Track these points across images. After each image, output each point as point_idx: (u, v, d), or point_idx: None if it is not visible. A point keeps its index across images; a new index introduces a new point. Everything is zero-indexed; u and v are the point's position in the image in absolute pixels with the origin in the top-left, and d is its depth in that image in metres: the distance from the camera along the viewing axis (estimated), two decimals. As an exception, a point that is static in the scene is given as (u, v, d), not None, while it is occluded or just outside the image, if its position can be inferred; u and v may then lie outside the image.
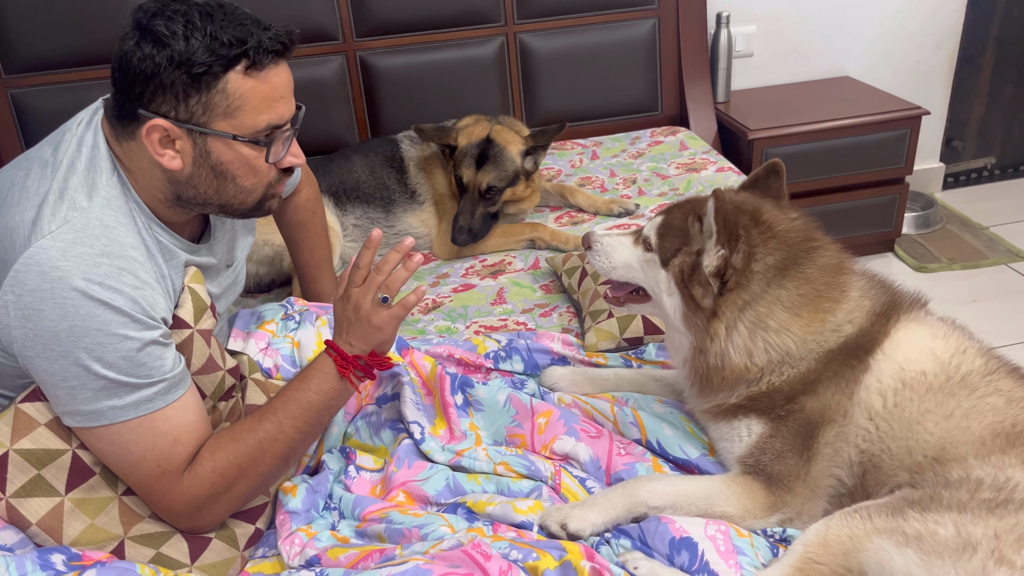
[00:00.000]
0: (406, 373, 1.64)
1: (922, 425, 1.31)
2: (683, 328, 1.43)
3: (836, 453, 1.38)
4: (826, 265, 1.42)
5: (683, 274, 1.40)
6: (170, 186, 1.29)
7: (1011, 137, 3.89)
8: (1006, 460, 1.23)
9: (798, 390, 1.38)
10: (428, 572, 1.09)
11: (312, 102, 2.83)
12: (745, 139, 3.04)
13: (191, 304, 1.34)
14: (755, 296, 1.37)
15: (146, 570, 1.20)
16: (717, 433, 1.48)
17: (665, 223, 1.45)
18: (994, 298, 3.12)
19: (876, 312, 1.42)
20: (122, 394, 1.20)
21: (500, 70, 3.01)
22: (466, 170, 2.39)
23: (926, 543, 1.10)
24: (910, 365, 1.36)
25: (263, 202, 1.37)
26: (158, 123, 1.21)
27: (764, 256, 1.38)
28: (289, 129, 1.31)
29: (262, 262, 2.26)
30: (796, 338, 1.38)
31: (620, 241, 1.52)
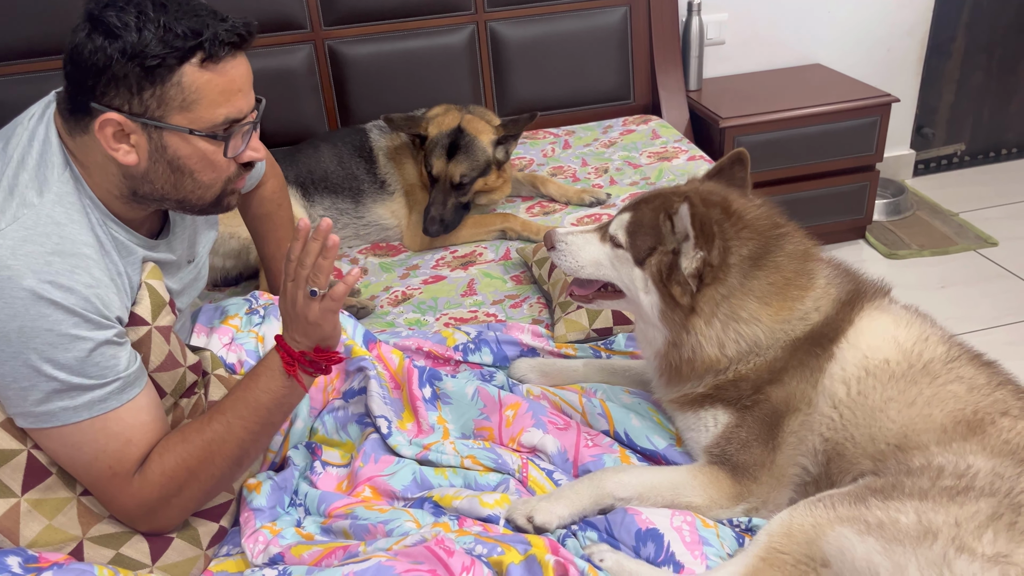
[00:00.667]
0: (373, 367, 1.62)
1: (885, 413, 1.32)
2: (659, 324, 1.42)
3: (801, 442, 1.38)
4: (794, 252, 1.42)
5: (661, 274, 1.39)
6: (126, 181, 1.26)
7: (980, 124, 3.92)
8: (967, 447, 1.23)
9: (764, 379, 1.39)
10: (390, 569, 1.08)
11: (280, 92, 2.83)
12: (717, 127, 3.04)
13: (148, 301, 1.31)
14: (732, 289, 1.37)
15: (105, 571, 1.18)
16: (684, 423, 1.48)
17: (634, 220, 1.43)
18: (963, 284, 3.15)
19: (841, 300, 1.42)
20: (74, 395, 1.17)
21: (471, 59, 2.99)
22: (437, 160, 2.37)
23: (888, 531, 1.11)
24: (873, 353, 1.36)
25: (222, 198, 1.34)
26: (111, 117, 1.18)
27: (739, 248, 1.38)
28: (248, 123, 1.28)
29: (228, 255, 2.23)
30: (765, 328, 1.38)
31: (586, 239, 1.50)
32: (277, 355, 1.30)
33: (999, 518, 1.08)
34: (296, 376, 1.29)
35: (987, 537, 1.06)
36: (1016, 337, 2.84)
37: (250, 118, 1.28)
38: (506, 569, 1.15)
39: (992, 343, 2.77)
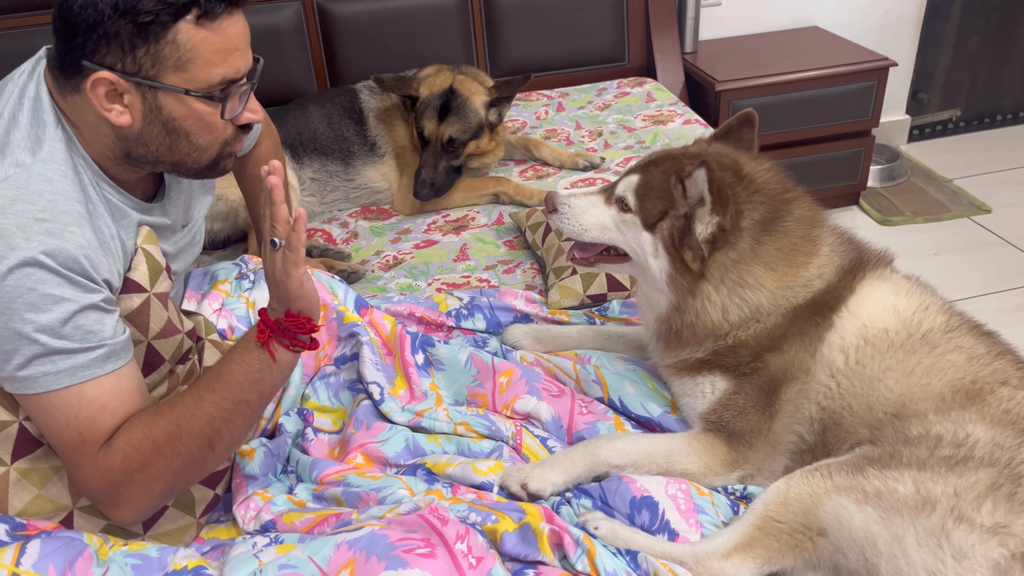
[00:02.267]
0: (365, 333, 1.60)
1: (883, 382, 1.31)
2: (666, 288, 1.40)
3: (797, 410, 1.38)
4: (802, 217, 1.40)
5: (672, 239, 1.36)
6: (119, 143, 1.22)
7: (976, 89, 3.89)
8: (966, 416, 1.23)
9: (764, 346, 1.38)
10: (384, 538, 1.07)
11: (268, 51, 2.73)
12: (712, 91, 3.00)
13: (145, 266, 1.28)
14: (742, 254, 1.35)
15: (94, 539, 1.17)
16: (680, 388, 1.47)
17: (644, 183, 1.39)
18: (956, 251, 3.15)
19: (844, 268, 1.41)
20: (56, 360, 1.13)
21: (463, 18, 2.92)
22: (428, 122, 2.33)
23: (885, 500, 1.10)
24: (872, 322, 1.35)
25: (219, 161, 1.30)
26: (103, 76, 1.13)
27: (751, 213, 1.36)
28: (246, 83, 1.24)
29: (216, 218, 2.19)
30: (769, 294, 1.37)
31: (590, 201, 1.45)
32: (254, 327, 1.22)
33: (998, 488, 1.08)
34: (268, 346, 1.19)
35: (986, 507, 1.06)
36: (1008, 304, 2.84)
37: (247, 78, 1.24)
38: (500, 537, 1.14)
39: (984, 310, 2.77)
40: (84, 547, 1.14)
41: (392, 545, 1.06)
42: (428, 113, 2.33)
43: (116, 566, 1.13)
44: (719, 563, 1.18)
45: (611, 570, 1.14)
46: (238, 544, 1.20)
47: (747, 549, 1.18)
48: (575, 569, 1.14)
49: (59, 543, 1.13)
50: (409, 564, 1.03)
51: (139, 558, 1.16)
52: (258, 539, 1.20)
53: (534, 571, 1.13)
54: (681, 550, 1.20)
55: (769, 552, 1.18)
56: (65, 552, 1.12)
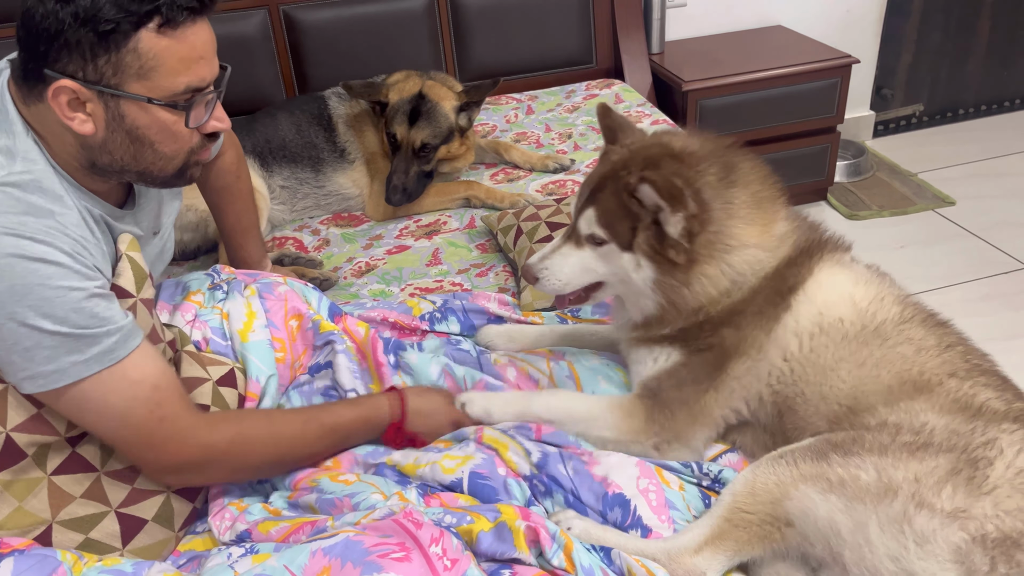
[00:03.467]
0: (342, 341, 1.60)
1: (836, 373, 1.33)
2: (652, 293, 1.39)
3: (743, 387, 1.39)
4: (753, 166, 1.42)
5: (653, 248, 1.35)
6: (83, 152, 1.22)
7: (938, 84, 3.96)
8: (915, 406, 1.25)
9: (724, 321, 1.38)
10: (359, 544, 1.07)
11: (235, 59, 2.71)
12: (679, 91, 3.03)
13: (131, 272, 1.28)
14: (719, 222, 1.35)
15: (68, 556, 1.16)
16: (635, 356, 1.49)
17: (602, 212, 1.37)
18: (922, 244, 3.21)
19: (801, 246, 1.42)
20: (82, 348, 1.14)
21: (430, 23, 2.93)
22: (399, 127, 2.33)
23: (849, 488, 1.12)
24: (828, 310, 1.37)
25: (185, 170, 1.30)
26: (65, 84, 1.13)
27: (706, 180, 1.34)
28: (211, 92, 1.24)
29: (186, 228, 2.18)
30: (751, 254, 1.37)
31: (562, 254, 1.43)
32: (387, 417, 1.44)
33: (958, 473, 1.10)
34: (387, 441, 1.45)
35: (946, 492, 1.08)
36: (973, 294, 2.90)
37: (213, 87, 1.24)
38: (476, 537, 1.15)
39: (950, 301, 2.83)
40: (58, 564, 1.14)
41: (367, 551, 1.07)
42: (398, 118, 2.34)
43: (90, 582, 1.13)
44: (691, 559, 1.19)
45: (587, 565, 1.15)
46: (213, 555, 1.21)
47: (717, 542, 1.20)
48: (551, 565, 1.15)
49: (32, 561, 1.12)
50: (384, 569, 1.04)
51: (113, 573, 1.16)
52: (233, 550, 1.20)
53: (510, 571, 1.14)
54: (653, 546, 1.22)
55: (739, 544, 1.20)
56: (39, 570, 1.12)
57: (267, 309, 1.62)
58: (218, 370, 1.49)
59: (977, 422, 1.19)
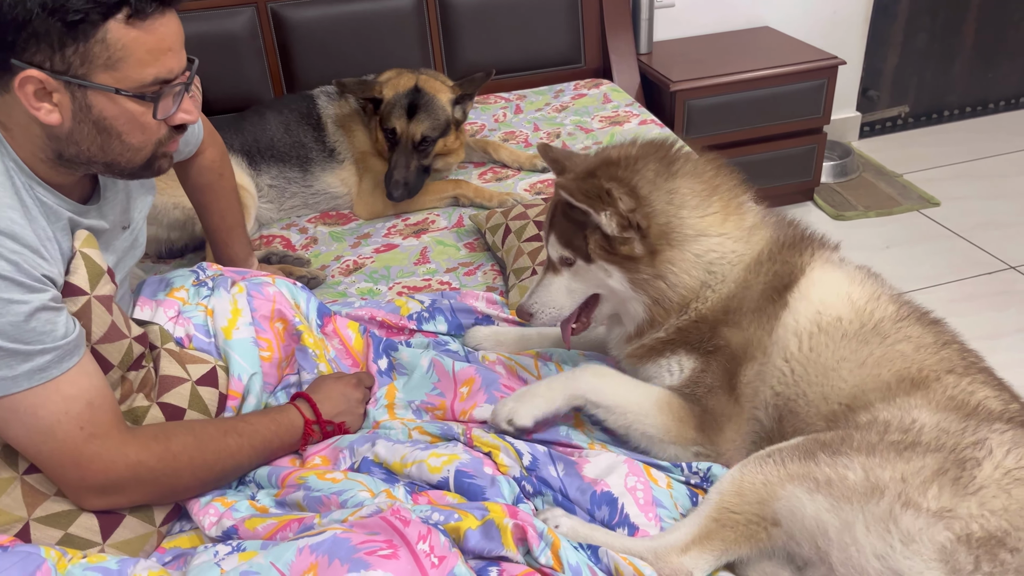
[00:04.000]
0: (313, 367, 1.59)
1: (837, 372, 1.34)
2: (635, 293, 1.40)
3: (755, 393, 1.39)
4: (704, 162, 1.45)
5: (605, 249, 1.38)
6: (50, 143, 1.20)
7: (924, 85, 3.99)
8: (911, 401, 1.26)
9: (720, 319, 1.39)
10: (346, 541, 1.07)
11: (222, 57, 2.74)
12: (667, 91, 3.04)
13: (84, 270, 1.27)
14: (667, 214, 1.38)
15: (52, 553, 1.15)
16: (646, 373, 1.47)
17: (559, 234, 1.43)
18: (907, 244, 3.23)
19: (782, 242, 1.43)
20: (13, 364, 1.12)
21: (419, 22, 2.93)
22: (397, 121, 2.33)
23: (836, 488, 1.13)
24: (827, 309, 1.37)
25: (152, 161, 1.29)
26: (32, 74, 1.12)
27: (641, 177, 1.38)
28: (180, 84, 1.23)
29: (173, 226, 2.17)
30: (715, 240, 1.39)
31: (545, 286, 1.47)
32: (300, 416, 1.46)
33: (944, 473, 1.11)
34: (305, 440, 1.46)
35: (932, 492, 1.09)
36: (957, 295, 2.92)
37: (181, 79, 1.23)
38: (464, 535, 1.15)
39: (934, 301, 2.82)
40: (41, 561, 1.13)
41: (354, 548, 1.06)
42: (396, 112, 2.34)
43: (75, 580, 1.12)
44: (678, 558, 1.19)
45: (574, 563, 1.15)
46: (200, 553, 1.20)
47: (704, 542, 1.20)
48: (539, 563, 1.15)
49: (16, 558, 1.11)
50: (372, 566, 1.03)
51: (98, 571, 1.14)
52: (220, 547, 1.19)
53: (497, 568, 1.14)
54: (640, 545, 1.22)
55: (726, 543, 1.20)
56: (22, 567, 1.10)
57: (254, 308, 1.61)
58: (199, 368, 1.48)
59: (970, 421, 1.20)
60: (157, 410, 1.39)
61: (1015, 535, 1.05)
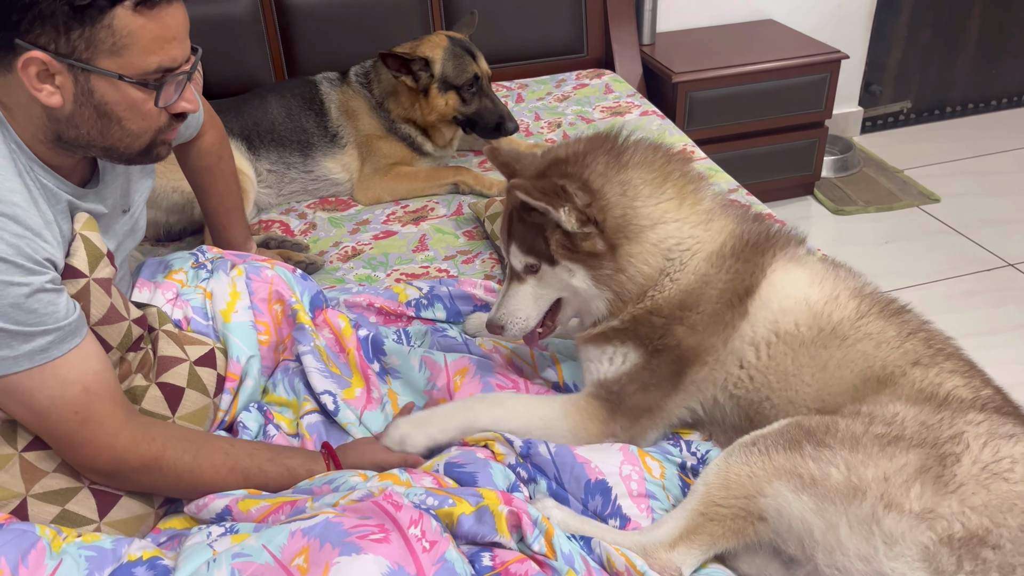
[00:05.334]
0: (310, 340, 1.60)
1: (799, 378, 1.34)
2: (598, 290, 1.40)
3: (699, 391, 1.41)
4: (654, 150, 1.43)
5: (567, 248, 1.36)
6: (50, 124, 1.21)
7: (927, 81, 3.98)
8: (880, 400, 1.26)
9: (676, 316, 1.38)
10: (338, 524, 1.08)
11: (223, 41, 2.74)
12: (669, 82, 3.03)
13: (84, 252, 1.27)
14: (621, 206, 1.36)
15: (47, 531, 1.16)
16: (588, 355, 1.47)
17: (519, 241, 1.40)
18: (906, 239, 3.23)
19: (746, 239, 1.42)
20: (13, 344, 1.14)
21: (422, 8, 2.92)
22: (473, 66, 2.38)
23: (820, 488, 1.13)
24: (784, 316, 1.37)
25: (151, 148, 1.30)
26: (35, 55, 1.13)
27: (592, 171, 1.37)
28: (183, 73, 1.24)
29: (172, 210, 2.17)
30: (672, 228, 1.39)
31: (511, 295, 1.45)
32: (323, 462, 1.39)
33: (927, 471, 1.11)
34: None
35: (914, 491, 1.09)
36: (955, 291, 2.93)
37: (184, 68, 1.23)
38: (457, 520, 1.16)
39: (933, 297, 2.86)
40: (36, 539, 1.14)
41: (346, 531, 1.07)
42: (467, 60, 2.37)
43: (69, 558, 1.13)
44: (666, 554, 1.20)
45: (567, 552, 1.16)
46: (193, 534, 1.21)
47: (691, 536, 1.20)
48: (532, 550, 1.16)
49: (11, 536, 1.12)
50: (363, 549, 1.04)
51: (93, 550, 1.16)
52: (213, 528, 1.20)
53: (490, 554, 1.15)
54: (629, 540, 1.22)
55: (713, 537, 1.20)
56: (17, 544, 1.11)
57: (252, 292, 1.62)
58: (197, 350, 1.48)
59: (944, 412, 1.20)
60: (156, 390, 1.40)
61: (996, 532, 1.06)
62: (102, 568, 1.14)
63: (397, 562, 1.04)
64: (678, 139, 2.58)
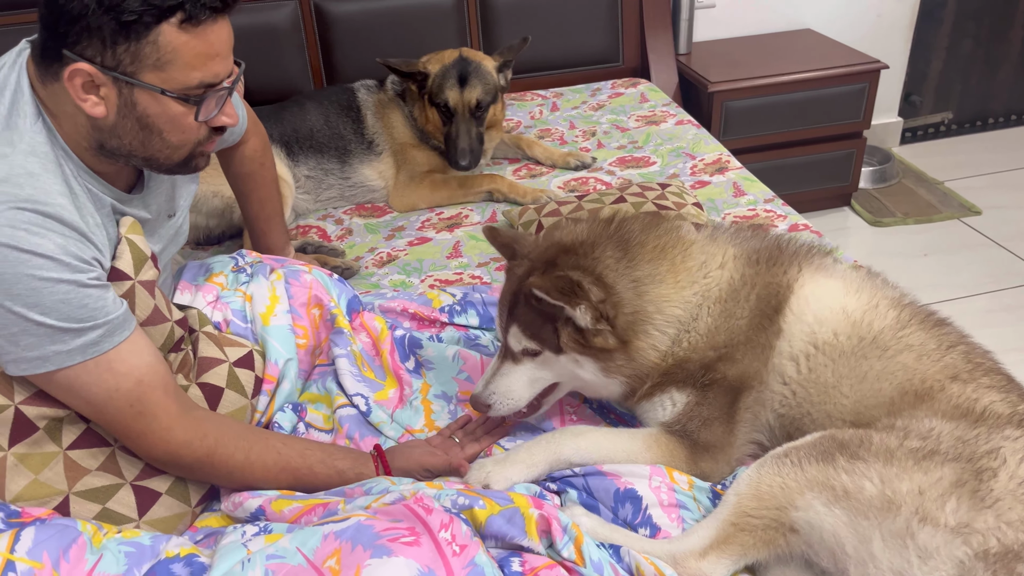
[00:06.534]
0: (346, 344, 1.62)
1: (838, 389, 1.32)
2: (607, 380, 1.39)
3: (755, 417, 1.39)
4: (642, 226, 1.42)
5: (578, 342, 1.35)
6: (94, 133, 1.24)
7: (969, 92, 3.92)
8: (916, 414, 1.24)
9: (710, 356, 1.37)
10: (369, 527, 1.09)
11: (264, 49, 2.79)
12: (705, 92, 3.02)
13: (129, 255, 1.31)
14: (632, 303, 1.36)
15: (88, 527, 1.19)
16: (641, 411, 1.46)
17: (523, 323, 1.37)
18: (946, 252, 3.18)
19: (754, 259, 1.40)
20: (66, 339, 1.18)
21: (459, 18, 2.95)
22: (450, 92, 2.38)
23: (853, 501, 1.11)
24: (821, 327, 1.35)
25: (190, 159, 1.33)
26: (81, 67, 1.16)
27: (605, 266, 1.35)
28: (224, 88, 1.26)
29: (212, 214, 2.21)
30: (673, 303, 1.37)
31: (503, 374, 1.42)
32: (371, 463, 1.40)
33: (962, 485, 1.09)
34: None
35: (950, 506, 1.07)
36: (996, 305, 2.87)
37: (226, 83, 1.26)
38: (486, 521, 1.17)
39: (973, 310, 2.81)
40: (78, 534, 1.16)
41: (377, 535, 1.08)
42: (449, 83, 2.38)
43: (109, 553, 1.16)
44: (696, 563, 1.19)
45: (596, 559, 1.16)
46: (228, 533, 1.23)
47: (722, 546, 1.19)
48: (561, 556, 1.16)
49: (53, 530, 1.15)
50: (394, 552, 1.06)
51: (132, 545, 1.18)
52: (247, 528, 1.22)
53: (519, 559, 1.15)
54: (659, 548, 1.22)
55: (744, 548, 1.19)
56: (59, 539, 1.14)
57: (291, 296, 1.65)
58: (236, 351, 1.51)
59: (980, 428, 1.18)
60: (197, 389, 1.44)
61: (1032, 547, 1.04)
62: (140, 564, 1.16)
63: (428, 565, 1.05)
64: (713, 148, 2.57)
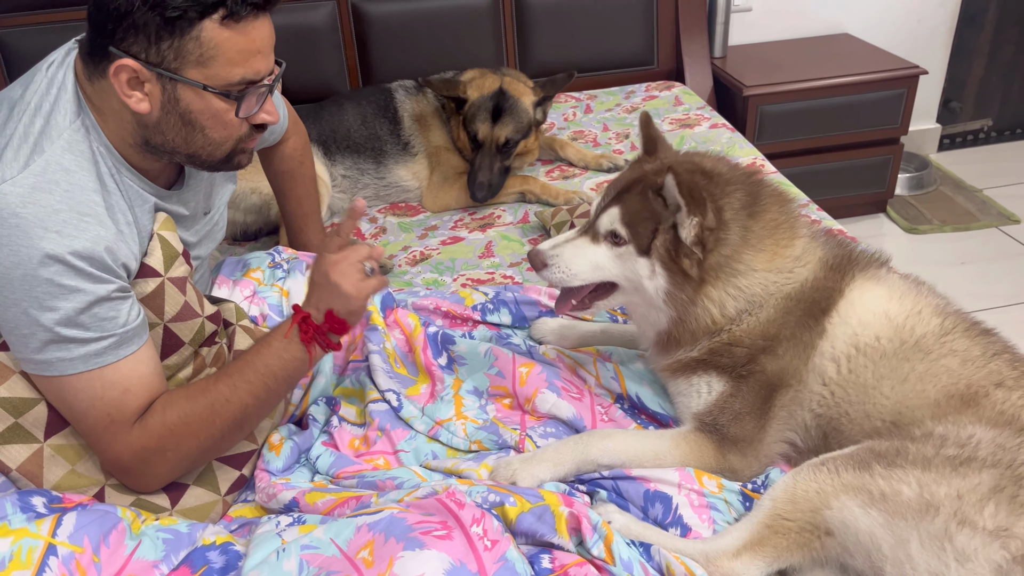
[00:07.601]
0: (380, 341, 1.63)
1: (878, 390, 1.32)
2: (664, 306, 1.38)
3: (791, 416, 1.38)
4: (773, 194, 1.42)
5: (669, 253, 1.34)
6: (139, 130, 1.27)
7: (1010, 99, 3.86)
8: (962, 419, 1.23)
9: (758, 346, 1.37)
10: (402, 521, 1.10)
11: (302, 49, 2.83)
12: (740, 95, 3.01)
13: (160, 252, 1.33)
14: (734, 247, 1.35)
15: (127, 513, 1.22)
16: (676, 388, 1.46)
17: (626, 211, 1.35)
18: (983, 260, 3.13)
19: (829, 264, 1.41)
20: (71, 347, 1.18)
21: (495, 20, 2.96)
22: (482, 125, 2.37)
23: (890, 503, 1.11)
24: (863, 330, 1.35)
25: (232, 156, 1.34)
26: (127, 63, 1.19)
27: (731, 203, 1.35)
28: (265, 85, 1.28)
29: (249, 210, 2.25)
30: (760, 276, 1.37)
31: (576, 245, 1.40)
32: (295, 325, 1.31)
33: (1001, 491, 1.09)
34: (309, 348, 1.30)
35: (988, 510, 1.07)
36: (1035, 315, 2.82)
37: (267, 80, 1.28)
38: (516, 518, 1.17)
39: (1010, 320, 2.76)
40: (118, 520, 1.19)
41: (410, 527, 1.10)
42: (481, 116, 2.37)
43: (148, 539, 1.19)
44: (729, 562, 1.19)
45: (626, 558, 1.16)
46: (263, 523, 1.25)
47: (756, 548, 1.19)
48: (591, 555, 1.17)
49: (94, 516, 1.17)
50: (426, 545, 1.07)
51: (170, 533, 1.21)
52: (282, 518, 1.24)
53: (549, 556, 1.16)
54: (692, 547, 1.22)
55: (778, 550, 1.19)
56: (100, 525, 1.16)
57: (327, 291, 1.67)
58: (272, 345, 1.53)
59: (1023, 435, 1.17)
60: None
61: (1071, 554, 1.03)
62: (178, 551, 1.18)
63: (459, 559, 1.06)
64: (748, 152, 2.56)
